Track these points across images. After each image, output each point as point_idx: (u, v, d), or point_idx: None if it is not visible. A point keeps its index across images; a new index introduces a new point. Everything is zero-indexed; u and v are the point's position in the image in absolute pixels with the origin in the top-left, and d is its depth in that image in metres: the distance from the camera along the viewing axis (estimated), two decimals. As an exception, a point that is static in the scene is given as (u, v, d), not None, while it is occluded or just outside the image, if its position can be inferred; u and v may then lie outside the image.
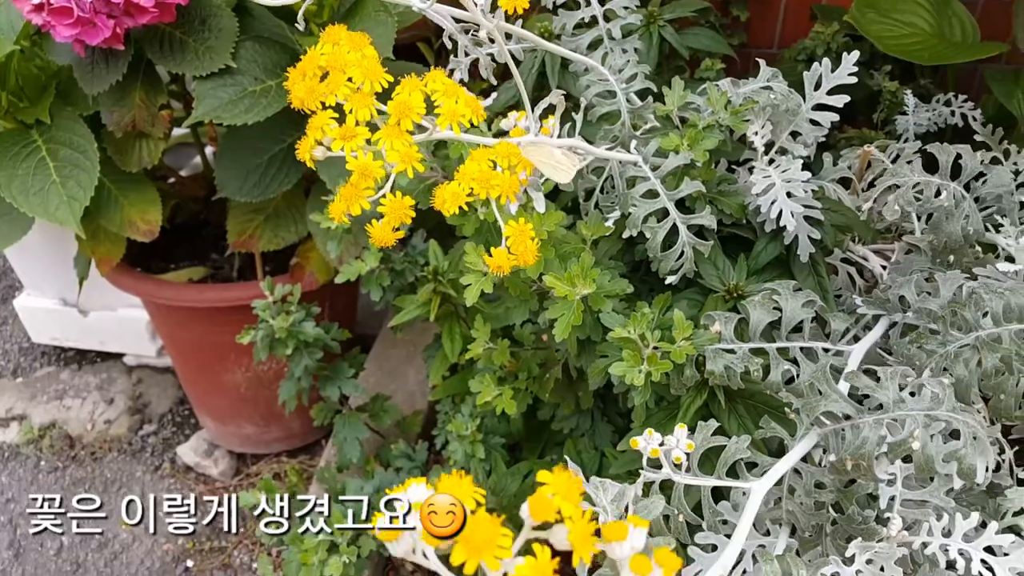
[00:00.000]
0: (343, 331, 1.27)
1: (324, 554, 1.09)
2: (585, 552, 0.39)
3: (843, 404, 0.65)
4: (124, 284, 1.44)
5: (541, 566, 0.37)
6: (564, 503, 0.40)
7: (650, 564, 0.40)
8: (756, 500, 0.63)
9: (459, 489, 0.40)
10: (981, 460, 0.60)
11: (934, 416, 0.61)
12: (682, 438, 0.65)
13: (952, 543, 0.72)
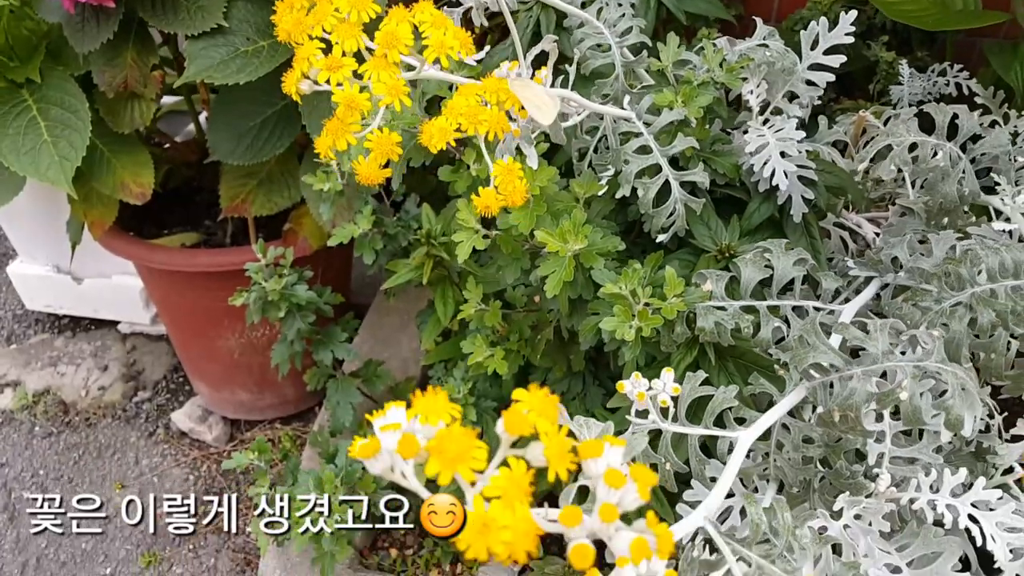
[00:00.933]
0: (336, 295, 1.27)
1: (316, 514, 1.09)
2: (561, 467, 0.39)
3: (832, 355, 0.64)
4: (117, 248, 1.43)
5: (516, 478, 0.37)
6: (540, 420, 0.40)
7: (624, 478, 0.40)
8: (743, 448, 0.63)
9: (434, 405, 0.40)
10: (969, 412, 0.60)
11: (923, 368, 0.61)
12: (669, 382, 0.64)
13: (940, 498, 0.73)
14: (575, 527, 0.39)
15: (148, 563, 1.57)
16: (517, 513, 0.36)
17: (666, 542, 0.39)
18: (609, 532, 0.39)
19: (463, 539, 0.35)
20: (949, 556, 0.71)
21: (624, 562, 0.48)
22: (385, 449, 0.39)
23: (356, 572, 1.28)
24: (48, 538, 1.63)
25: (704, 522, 0.53)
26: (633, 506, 0.39)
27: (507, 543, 0.36)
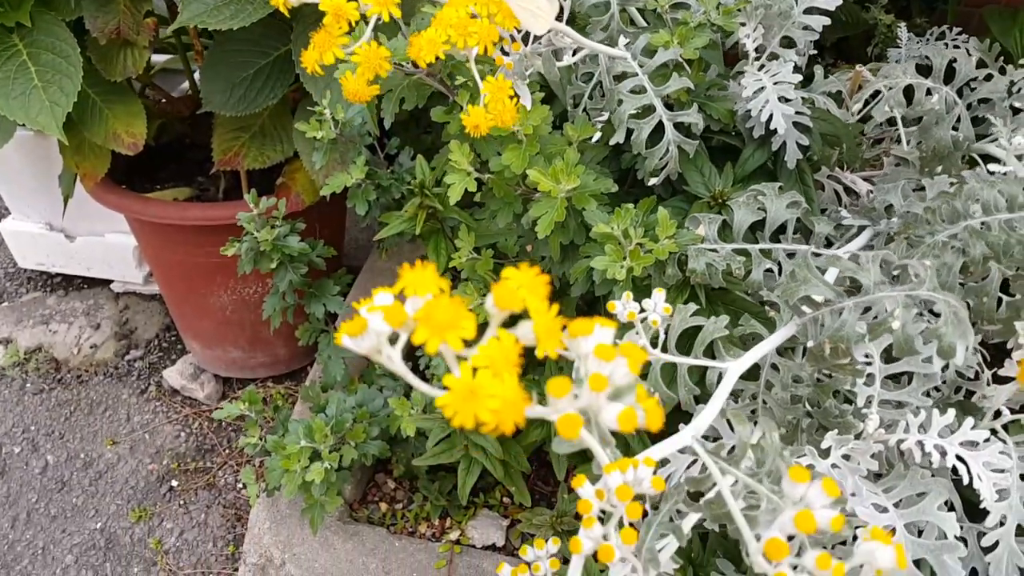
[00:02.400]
0: (328, 248, 1.27)
1: (306, 461, 1.10)
2: (550, 345, 0.38)
3: (823, 287, 0.64)
4: (109, 201, 1.42)
5: (505, 348, 0.37)
6: (530, 297, 0.39)
7: (614, 351, 0.39)
8: (732, 377, 0.63)
9: (423, 278, 0.40)
10: (961, 340, 0.60)
11: (915, 296, 0.61)
12: (659, 302, 0.64)
13: (928, 439, 0.73)
14: (563, 398, 0.38)
15: (138, 518, 1.57)
16: (505, 383, 0.36)
17: (655, 416, 0.39)
18: (598, 404, 0.38)
19: (450, 405, 0.35)
20: (935, 497, 0.71)
21: (611, 468, 0.48)
22: (372, 328, 0.39)
23: (346, 525, 1.28)
24: (39, 493, 1.63)
25: (692, 440, 0.53)
26: (623, 381, 0.39)
27: (494, 411, 0.35)
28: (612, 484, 0.46)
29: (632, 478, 0.46)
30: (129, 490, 1.61)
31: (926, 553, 0.69)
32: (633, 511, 0.46)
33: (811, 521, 0.40)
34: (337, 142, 1.12)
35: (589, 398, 0.38)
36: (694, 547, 1.04)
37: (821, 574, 0.40)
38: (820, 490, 0.41)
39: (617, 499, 0.46)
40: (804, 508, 0.40)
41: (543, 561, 0.61)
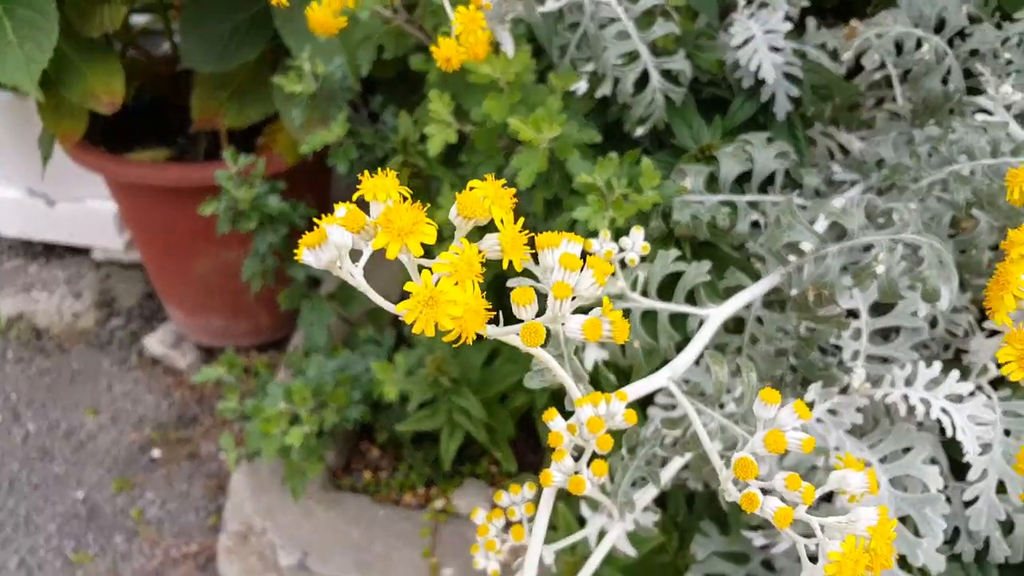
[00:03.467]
0: (310, 209, 1.24)
1: (285, 425, 1.08)
2: (516, 255, 0.37)
3: (807, 233, 0.62)
4: (87, 162, 1.39)
5: (468, 256, 0.35)
6: (495, 208, 0.37)
7: (579, 261, 0.38)
8: (713, 324, 0.61)
9: (383, 184, 0.38)
10: (946, 284, 0.59)
11: (900, 239, 0.59)
12: (638, 240, 0.62)
13: (913, 392, 0.71)
14: (527, 305, 0.37)
15: (120, 488, 1.55)
16: (467, 291, 0.34)
17: (622, 329, 0.37)
18: (562, 314, 0.37)
19: (411, 311, 0.33)
20: (919, 451, 0.70)
21: (582, 402, 0.46)
22: (331, 240, 0.37)
23: (328, 493, 1.26)
24: (21, 462, 1.61)
25: (668, 381, 0.51)
26: (588, 292, 0.37)
27: (456, 319, 0.34)
28: (584, 416, 0.44)
29: (604, 412, 0.45)
30: (111, 460, 1.59)
31: (909, 508, 0.68)
32: (604, 443, 0.44)
33: (781, 440, 0.38)
34: (317, 97, 1.09)
35: (553, 306, 0.36)
36: (680, 512, 1.03)
37: (791, 495, 0.38)
38: (791, 411, 0.39)
39: (588, 431, 0.44)
40: (775, 428, 0.39)
41: (518, 506, 0.59)
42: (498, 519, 0.60)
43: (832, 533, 0.39)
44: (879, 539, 0.37)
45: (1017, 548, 0.76)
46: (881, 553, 0.37)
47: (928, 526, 0.67)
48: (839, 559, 0.37)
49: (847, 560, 0.37)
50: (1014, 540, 0.76)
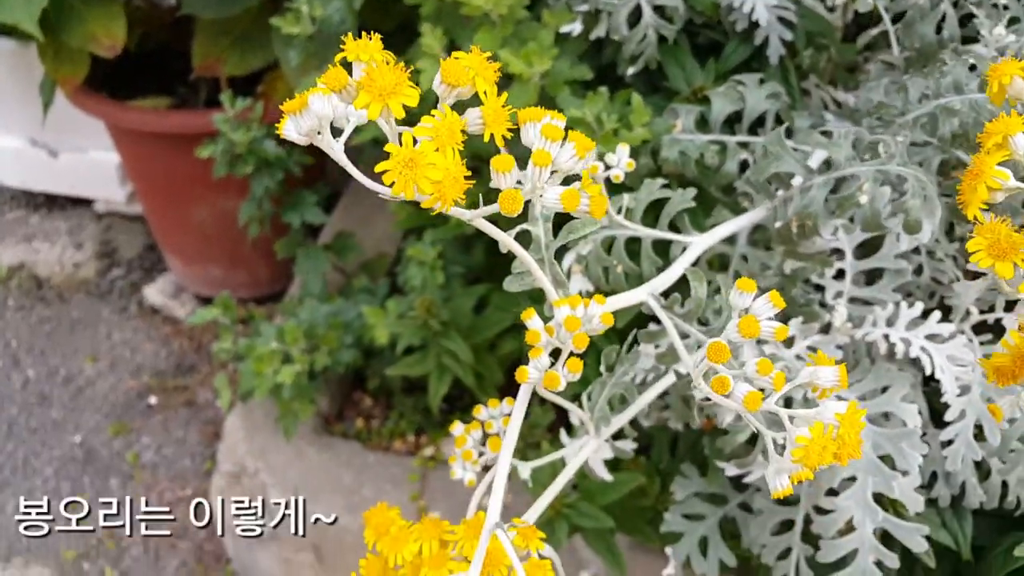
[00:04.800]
0: (306, 156, 1.25)
1: (277, 364, 1.09)
2: (498, 129, 0.37)
3: (793, 163, 0.63)
4: (88, 107, 1.40)
5: (448, 122, 0.35)
6: (479, 80, 0.38)
7: (561, 131, 0.38)
8: (696, 249, 0.61)
9: (366, 47, 0.38)
10: (928, 218, 0.59)
11: (885, 171, 0.60)
12: (624, 156, 0.63)
13: (894, 332, 0.72)
14: (506, 172, 0.37)
15: (117, 433, 1.57)
16: (447, 156, 0.35)
17: (599, 204, 0.38)
18: (541, 184, 0.37)
19: (391, 172, 0.34)
20: (898, 389, 0.70)
21: (560, 303, 0.47)
22: (312, 109, 0.38)
23: (320, 437, 1.28)
24: (20, 406, 1.63)
25: (648, 296, 0.51)
26: (568, 165, 0.38)
27: (436, 183, 0.34)
28: (561, 316, 0.45)
29: (582, 314, 0.45)
30: (108, 406, 1.61)
31: (885, 441, 0.69)
32: (580, 341, 0.45)
33: (755, 325, 0.39)
34: (314, 40, 1.09)
35: (532, 174, 0.36)
36: (664, 459, 1.04)
37: (761, 380, 0.39)
38: (766, 301, 0.40)
39: (565, 330, 0.45)
40: (749, 315, 0.39)
41: (496, 420, 0.60)
42: (476, 431, 0.61)
43: (800, 424, 0.40)
44: (847, 426, 0.38)
45: (992, 494, 0.77)
46: (849, 441, 0.38)
47: (904, 460, 0.68)
48: (807, 443, 0.37)
49: (814, 445, 0.37)
50: (989, 486, 0.77)
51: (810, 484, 0.79)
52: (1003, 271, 0.37)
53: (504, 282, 0.50)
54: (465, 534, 0.45)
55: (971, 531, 0.79)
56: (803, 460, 0.38)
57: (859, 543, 0.71)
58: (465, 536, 0.45)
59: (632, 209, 0.66)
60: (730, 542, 0.90)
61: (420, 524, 0.46)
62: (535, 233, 0.49)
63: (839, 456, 0.38)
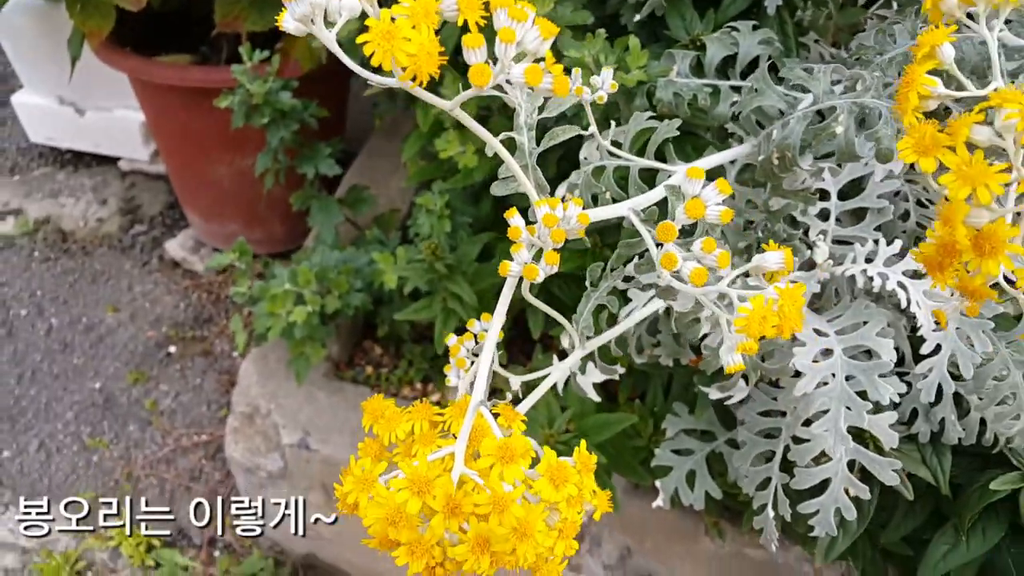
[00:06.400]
0: (321, 109, 1.29)
1: (290, 305, 1.14)
2: (471, 15, 0.40)
3: (776, 98, 0.66)
4: (113, 61, 1.45)
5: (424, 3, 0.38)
6: None
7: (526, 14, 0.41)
8: (681, 175, 0.64)
9: None
10: (900, 146, 0.62)
11: (861, 103, 0.62)
12: (608, 78, 0.66)
13: (873, 268, 0.75)
14: (476, 48, 0.40)
15: (136, 380, 1.63)
16: (423, 33, 0.38)
17: (561, 81, 0.41)
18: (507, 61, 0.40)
19: (370, 43, 0.37)
20: (875, 324, 0.73)
21: (540, 203, 0.50)
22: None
23: (331, 382, 1.33)
24: (43, 353, 1.69)
25: (628, 211, 0.55)
26: (533, 46, 0.41)
27: (411, 56, 0.37)
28: (540, 214, 0.48)
29: (561, 214, 0.49)
30: (128, 354, 1.67)
31: (859, 373, 0.72)
32: (557, 236, 0.48)
33: (700, 207, 0.42)
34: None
35: (500, 51, 0.40)
36: (657, 402, 1.07)
37: (707, 258, 0.42)
38: (715, 188, 0.43)
39: (544, 226, 0.48)
40: (697, 198, 0.43)
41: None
42: (469, 341, 0.64)
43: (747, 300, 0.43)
44: (787, 299, 0.41)
45: (971, 430, 0.80)
46: (789, 313, 0.41)
47: (878, 392, 0.71)
48: (748, 313, 0.41)
49: (755, 315, 0.41)
50: (968, 423, 0.80)
51: (790, 415, 0.83)
52: (926, 166, 0.40)
53: (491, 187, 0.54)
54: (453, 414, 0.48)
55: (950, 467, 0.82)
56: (745, 329, 0.41)
57: (832, 472, 0.75)
58: (453, 415, 0.48)
59: (621, 143, 0.69)
60: (718, 479, 0.94)
61: (412, 406, 0.50)
62: (519, 140, 0.52)
63: (780, 328, 0.41)
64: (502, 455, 0.43)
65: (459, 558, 0.42)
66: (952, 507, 0.85)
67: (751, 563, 1.12)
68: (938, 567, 0.81)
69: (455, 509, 0.42)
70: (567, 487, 0.42)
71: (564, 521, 0.43)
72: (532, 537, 0.41)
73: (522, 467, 0.42)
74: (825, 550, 0.84)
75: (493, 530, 0.41)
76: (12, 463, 1.56)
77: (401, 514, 0.41)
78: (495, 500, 0.41)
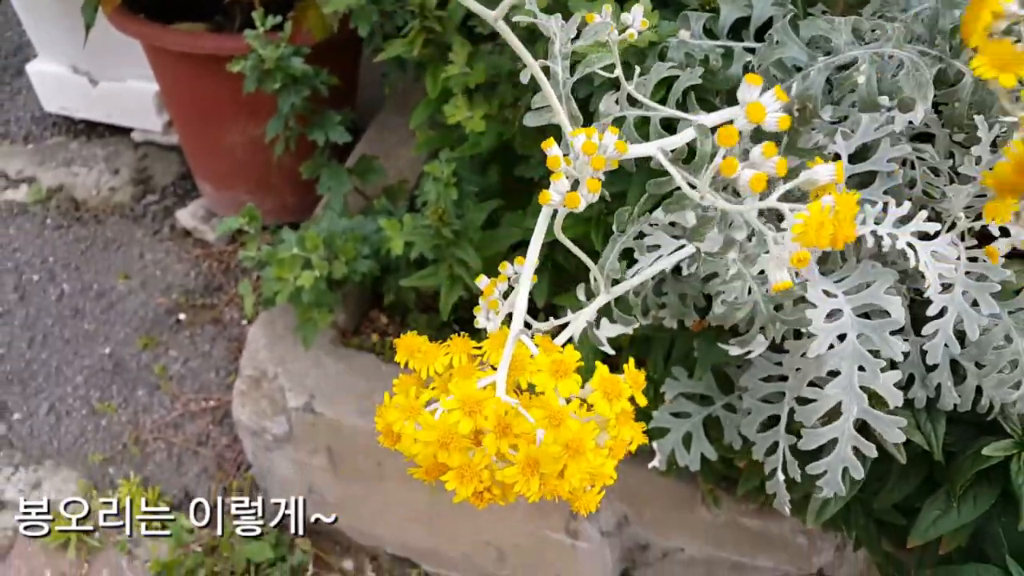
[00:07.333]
0: (332, 76, 1.29)
1: (298, 270, 1.14)
2: None
3: (797, 50, 0.66)
4: (126, 28, 1.46)
5: None
6: None
7: None
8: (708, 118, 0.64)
9: None
10: (921, 98, 0.62)
11: (882, 52, 0.62)
12: (638, 16, 0.66)
13: (882, 228, 0.75)
14: None
15: (145, 346, 1.65)
16: None
17: None
18: None
19: None
20: (882, 283, 0.73)
21: (577, 132, 0.50)
22: None
23: (337, 348, 1.34)
24: (54, 318, 1.71)
25: (656, 151, 0.55)
26: None
27: None
28: (578, 144, 0.49)
29: (598, 142, 0.49)
30: (138, 320, 1.69)
31: (870, 331, 0.72)
32: (597, 163, 0.48)
33: (761, 111, 0.42)
34: (344, -42, 1.13)
35: None
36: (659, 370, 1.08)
37: (766, 164, 0.42)
38: (772, 95, 0.43)
39: (583, 153, 0.48)
40: (756, 102, 0.43)
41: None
42: (502, 284, 0.64)
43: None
44: (843, 205, 0.40)
45: (966, 397, 0.80)
46: (845, 220, 0.40)
47: (889, 348, 0.71)
48: (805, 219, 0.40)
49: (812, 221, 0.40)
50: (963, 389, 0.80)
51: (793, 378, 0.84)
52: (1006, 81, 0.39)
53: (524, 118, 0.54)
54: (492, 345, 0.48)
55: (943, 434, 0.82)
56: (802, 237, 0.40)
57: (839, 432, 0.75)
58: (492, 347, 0.47)
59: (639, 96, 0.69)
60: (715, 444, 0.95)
61: (450, 340, 0.49)
62: (553, 69, 0.53)
63: (835, 239, 0.40)
64: (555, 369, 0.43)
65: (508, 480, 0.42)
66: (944, 474, 0.85)
67: (747, 533, 1.13)
68: (928, 532, 0.82)
69: (506, 429, 0.41)
70: (620, 401, 0.42)
71: (615, 439, 0.43)
72: (584, 455, 0.41)
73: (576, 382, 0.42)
74: (816, 512, 0.84)
75: (544, 450, 0.41)
76: (22, 425, 1.58)
77: (453, 435, 0.41)
78: (551, 414, 0.41)
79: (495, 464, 0.42)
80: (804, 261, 0.41)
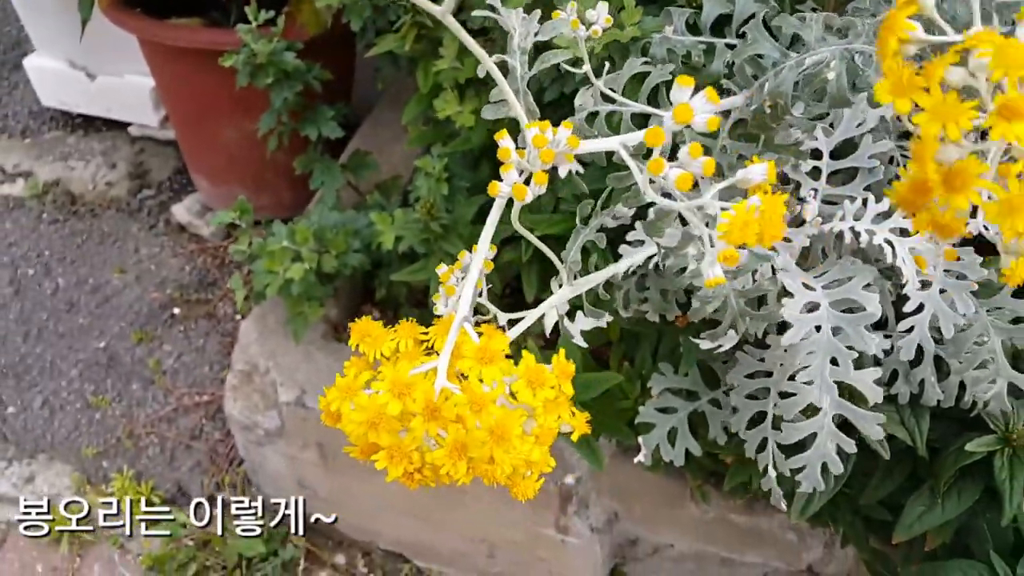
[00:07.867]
0: (324, 71, 1.29)
1: (288, 263, 1.15)
2: None
3: (770, 47, 0.66)
4: (122, 22, 1.46)
5: None
6: None
7: None
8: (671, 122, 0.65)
9: None
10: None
11: (852, 49, 0.63)
12: (603, 12, 0.67)
13: (861, 225, 0.75)
14: None
15: (139, 340, 1.65)
16: None
17: None
18: None
19: None
20: (861, 279, 0.74)
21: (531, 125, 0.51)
22: None
23: (329, 343, 1.34)
24: (49, 312, 1.72)
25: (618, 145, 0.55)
26: None
27: None
28: (530, 136, 0.49)
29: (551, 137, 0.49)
30: (132, 315, 1.69)
31: (845, 324, 0.72)
32: (546, 156, 0.49)
33: (688, 112, 0.43)
34: (335, -47, 1.13)
35: None
36: (645, 366, 1.08)
37: (693, 164, 0.43)
38: (703, 97, 0.44)
39: (534, 146, 0.49)
40: (685, 103, 0.43)
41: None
42: (459, 271, 0.64)
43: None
44: (769, 206, 0.41)
45: (949, 393, 0.80)
46: (771, 220, 0.41)
47: (864, 342, 0.71)
48: (730, 219, 0.41)
49: (736, 220, 0.40)
50: (947, 386, 0.80)
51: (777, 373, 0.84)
52: (901, 107, 0.40)
53: (482, 110, 0.55)
54: (437, 332, 0.49)
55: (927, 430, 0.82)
56: (727, 236, 0.41)
57: (819, 427, 0.75)
58: (437, 333, 0.48)
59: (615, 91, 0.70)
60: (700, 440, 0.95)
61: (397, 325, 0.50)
62: (511, 64, 0.53)
63: (761, 237, 0.41)
64: (481, 356, 0.43)
65: (436, 463, 0.42)
66: (929, 470, 0.86)
67: (736, 529, 1.13)
68: (913, 528, 0.82)
69: (434, 412, 0.42)
70: (544, 391, 0.43)
71: (541, 427, 0.44)
72: (509, 441, 0.41)
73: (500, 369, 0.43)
74: (801, 508, 0.85)
75: (471, 434, 0.41)
76: (16, 419, 1.59)
77: (382, 416, 0.42)
78: (473, 399, 0.42)
79: (427, 446, 0.43)
80: (732, 259, 0.42)
